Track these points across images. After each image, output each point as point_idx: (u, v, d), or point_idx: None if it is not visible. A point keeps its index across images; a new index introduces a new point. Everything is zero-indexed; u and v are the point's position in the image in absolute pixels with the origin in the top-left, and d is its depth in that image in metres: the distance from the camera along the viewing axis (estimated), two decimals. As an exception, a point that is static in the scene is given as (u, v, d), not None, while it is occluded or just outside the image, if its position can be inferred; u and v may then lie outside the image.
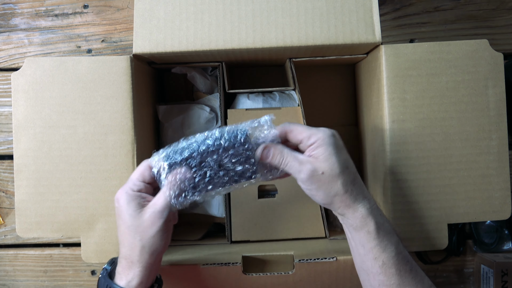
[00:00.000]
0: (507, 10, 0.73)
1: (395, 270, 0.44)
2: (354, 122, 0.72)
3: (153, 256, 0.45)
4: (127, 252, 0.45)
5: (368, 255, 0.45)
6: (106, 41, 0.74)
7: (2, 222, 0.74)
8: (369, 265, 0.45)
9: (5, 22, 0.74)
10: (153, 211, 0.44)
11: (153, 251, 0.45)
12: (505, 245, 0.72)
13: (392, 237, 0.45)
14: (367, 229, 0.45)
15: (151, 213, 0.44)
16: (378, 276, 0.44)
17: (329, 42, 0.54)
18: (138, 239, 0.45)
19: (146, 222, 0.44)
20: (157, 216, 0.44)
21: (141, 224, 0.45)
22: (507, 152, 0.54)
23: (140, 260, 0.45)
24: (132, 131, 0.53)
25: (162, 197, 0.45)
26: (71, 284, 0.74)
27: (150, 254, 0.45)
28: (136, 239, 0.45)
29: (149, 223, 0.44)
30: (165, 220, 0.44)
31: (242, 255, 0.54)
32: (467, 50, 0.53)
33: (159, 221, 0.44)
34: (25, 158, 0.53)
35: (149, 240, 0.45)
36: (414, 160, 0.53)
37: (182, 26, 0.54)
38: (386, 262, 0.44)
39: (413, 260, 0.46)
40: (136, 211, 0.45)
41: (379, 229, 0.44)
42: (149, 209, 0.45)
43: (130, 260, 0.45)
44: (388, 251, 0.44)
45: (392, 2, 0.73)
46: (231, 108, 0.63)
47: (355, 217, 0.45)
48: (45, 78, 0.53)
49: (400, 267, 0.44)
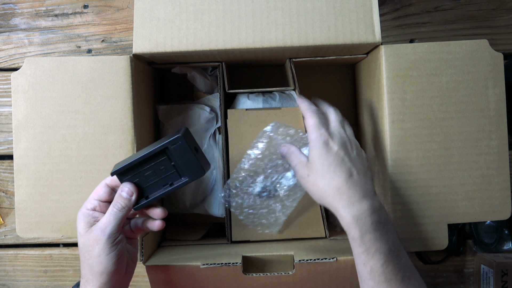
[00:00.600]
0: (507, 10, 0.73)
1: (384, 278, 0.43)
2: (354, 122, 0.72)
3: (102, 276, 0.44)
4: (83, 271, 0.45)
5: (357, 259, 0.45)
6: (106, 41, 0.74)
7: (2, 222, 0.74)
8: (359, 269, 0.46)
9: (5, 22, 0.74)
10: (96, 229, 0.44)
11: (102, 272, 0.44)
12: (505, 245, 0.72)
13: (384, 244, 0.44)
14: (352, 235, 0.45)
15: (95, 231, 0.44)
16: (368, 282, 0.45)
17: (329, 42, 0.54)
18: (87, 258, 0.44)
19: (91, 241, 0.44)
20: (99, 234, 0.44)
21: (86, 242, 0.44)
22: (507, 152, 0.54)
23: (92, 279, 0.44)
24: (132, 131, 0.53)
25: (106, 214, 0.45)
26: (71, 284, 0.74)
27: (99, 274, 0.44)
28: (86, 257, 0.44)
29: (93, 241, 0.44)
30: (107, 237, 0.44)
31: (242, 255, 0.54)
32: (467, 50, 0.53)
33: (102, 239, 0.44)
34: (25, 158, 0.53)
35: (95, 259, 0.44)
36: (414, 160, 0.53)
37: (182, 26, 0.54)
38: (374, 269, 0.44)
39: (410, 268, 0.45)
40: (85, 229, 0.45)
41: (364, 237, 0.44)
42: (95, 227, 0.44)
43: (85, 279, 0.45)
44: (376, 258, 0.44)
45: (392, 2, 0.73)
46: (231, 108, 0.63)
47: (341, 222, 0.46)
48: (45, 78, 0.53)
49: (390, 276, 0.44)
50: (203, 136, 0.65)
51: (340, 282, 0.54)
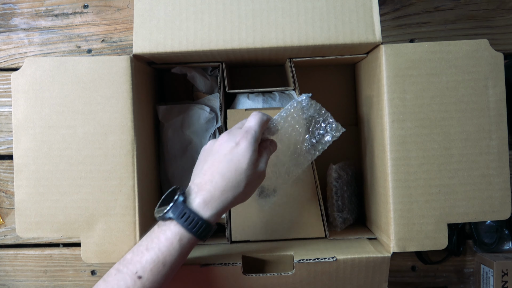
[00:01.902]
0: (507, 10, 0.73)
1: None
2: (354, 122, 0.72)
3: (232, 202, 0.46)
4: (221, 189, 0.46)
5: None
6: (106, 41, 0.74)
7: (2, 222, 0.74)
8: None
9: (5, 22, 0.74)
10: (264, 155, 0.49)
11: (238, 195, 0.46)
12: (505, 245, 0.72)
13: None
14: None
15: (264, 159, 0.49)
16: None
17: (329, 42, 0.54)
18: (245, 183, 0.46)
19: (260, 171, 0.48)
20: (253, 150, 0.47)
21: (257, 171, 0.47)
22: (507, 152, 0.54)
23: (220, 197, 0.46)
24: (132, 131, 0.53)
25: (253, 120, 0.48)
26: (71, 284, 0.74)
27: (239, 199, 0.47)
28: (243, 182, 0.46)
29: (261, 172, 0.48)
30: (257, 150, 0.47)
31: (242, 255, 0.54)
32: (467, 50, 0.53)
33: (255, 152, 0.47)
34: (25, 158, 0.53)
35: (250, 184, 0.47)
36: (414, 160, 0.53)
37: (182, 26, 0.54)
38: None
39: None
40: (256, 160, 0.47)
41: None
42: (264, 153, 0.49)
43: (210, 194, 0.46)
44: None
45: (392, 2, 0.73)
46: (231, 108, 0.63)
47: None
48: (45, 78, 0.53)
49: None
50: (203, 136, 0.65)
51: (340, 282, 0.54)
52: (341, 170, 0.65)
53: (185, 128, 0.65)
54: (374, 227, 0.63)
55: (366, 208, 0.67)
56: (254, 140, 0.47)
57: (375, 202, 0.61)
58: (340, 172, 0.64)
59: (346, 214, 0.64)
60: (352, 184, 0.67)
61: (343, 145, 0.70)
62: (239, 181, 0.46)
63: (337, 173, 0.64)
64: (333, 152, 0.61)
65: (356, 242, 0.59)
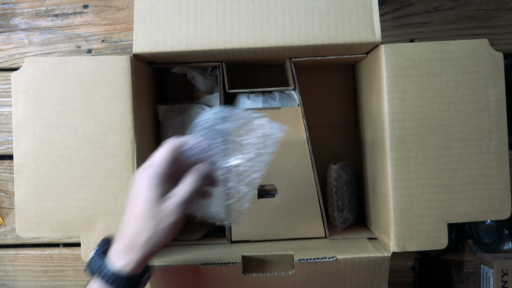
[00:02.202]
0: (507, 10, 0.73)
1: None
2: (354, 122, 0.72)
3: (155, 247, 0.43)
4: (131, 236, 0.43)
5: None
6: (106, 41, 0.74)
7: (2, 222, 0.74)
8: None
9: (5, 22, 0.74)
10: (176, 200, 0.43)
11: (160, 242, 0.43)
12: (505, 245, 0.72)
13: None
14: None
15: (174, 202, 0.43)
16: None
17: (329, 42, 0.54)
18: (151, 225, 0.43)
19: (166, 211, 0.43)
20: (179, 206, 0.43)
21: (160, 212, 0.43)
22: (507, 152, 0.54)
23: (143, 247, 0.43)
24: (132, 131, 0.53)
25: (187, 186, 0.43)
26: (71, 284, 0.74)
27: (155, 243, 0.43)
28: (149, 225, 0.43)
29: (169, 212, 0.43)
30: (184, 211, 0.43)
31: (242, 255, 0.54)
32: (467, 50, 0.53)
33: (180, 212, 0.43)
34: (25, 158, 0.53)
35: (162, 229, 0.43)
36: (414, 160, 0.53)
37: (182, 26, 0.54)
38: None
39: None
40: (159, 196, 0.43)
41: None
42: (173, 198, 0.43)
43: (131, 245, 0.43)
44: None
45: (392, 2, 0.73)
46: (231, 108, 0.63)
47: None
48: (45, 78, 0.53)
49: None
50: (203, 136, 0.65)
51: (340, 282, 0.54)
52: (341, 170, 0.65)
53: (185, 128, 0.65)
54: (374, 227, 0.63)
55: (366, 208, 0.67)
56: (153, 175, 0.43)
57: (375, 202, 0.61)
58: (340, 172, 0.64)
59: (346, 214, 0.64)
60: (352, 184, 0.67)
61: (343, 145, 0.70)
62: (143, 225, 0.43)
63: (337, 173, 0.64)
64: (333, 152, 0.61)
65: (356, 242, 0.59)
